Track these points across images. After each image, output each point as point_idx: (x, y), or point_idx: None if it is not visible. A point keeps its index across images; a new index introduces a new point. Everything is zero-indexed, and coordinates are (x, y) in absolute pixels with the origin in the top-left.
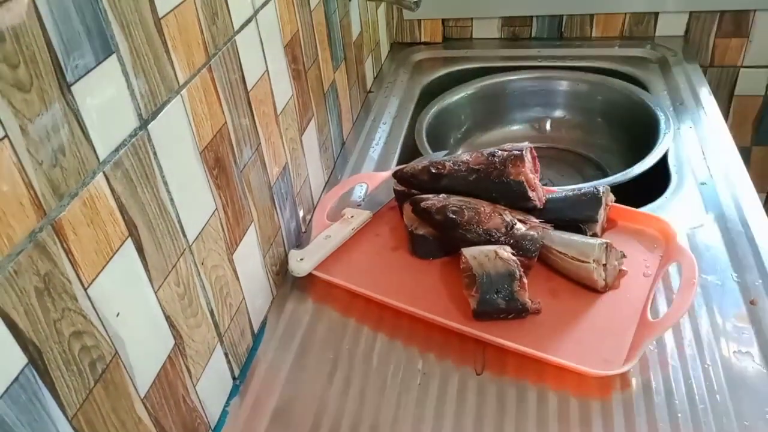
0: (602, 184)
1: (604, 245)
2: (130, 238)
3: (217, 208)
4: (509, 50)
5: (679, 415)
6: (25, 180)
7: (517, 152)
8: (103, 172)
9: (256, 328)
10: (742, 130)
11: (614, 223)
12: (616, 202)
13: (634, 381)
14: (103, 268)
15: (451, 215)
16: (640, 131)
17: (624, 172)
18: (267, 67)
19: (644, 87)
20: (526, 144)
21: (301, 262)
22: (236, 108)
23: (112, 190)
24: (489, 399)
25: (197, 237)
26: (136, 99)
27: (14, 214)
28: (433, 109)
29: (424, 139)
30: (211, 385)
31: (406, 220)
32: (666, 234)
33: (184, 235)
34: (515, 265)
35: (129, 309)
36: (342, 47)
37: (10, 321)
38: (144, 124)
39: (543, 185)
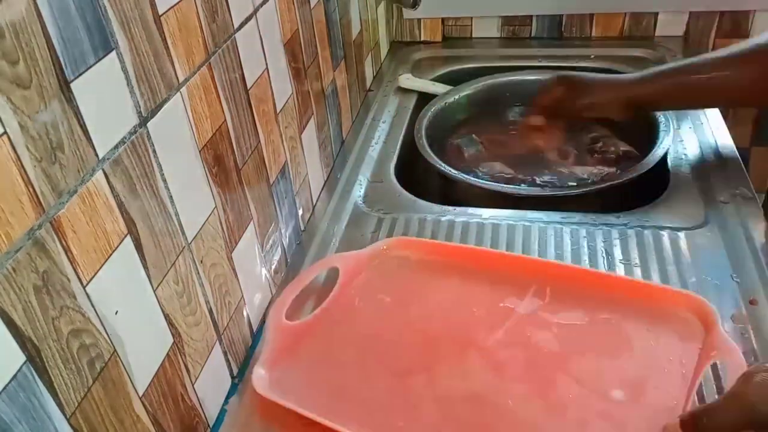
0: None
1: None
2: (129, 236)
3: (216, 207)
4: (509, 49)
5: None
6: (24, 177)
7: None
8: (102, 170)
9: (255, 327)
10: (741, 130)
11: (638, 302)
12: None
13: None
14: (102, 265)
15: None
16: (640, 131)
17: (623, 173)
18: (267, 65)
19: None
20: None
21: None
22: (236, 106)
23: (111, 188)
24: None
25: (196, 235)
26: (135, 96)
27: (13, 212)
28: (433, 108)
29: (424, 138)
30: (209, 384)
31: None
32: (704, 317)
33: (183, 233)
34: None
35: (128, 307)
36: (342, 46)
37: (9, 319)
38: (143, 121)
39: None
